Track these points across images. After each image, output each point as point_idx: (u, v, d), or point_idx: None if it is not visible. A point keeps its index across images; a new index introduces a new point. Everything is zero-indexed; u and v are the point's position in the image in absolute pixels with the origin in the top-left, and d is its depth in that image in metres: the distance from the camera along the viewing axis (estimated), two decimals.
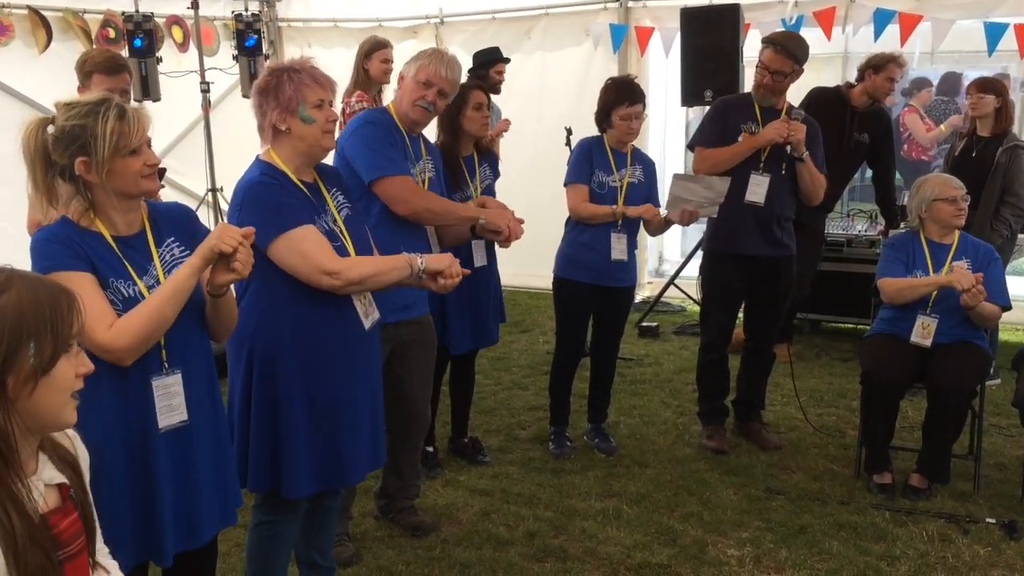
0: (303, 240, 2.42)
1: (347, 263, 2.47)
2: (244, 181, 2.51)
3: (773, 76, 4.02)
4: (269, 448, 2.51)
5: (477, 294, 3.88)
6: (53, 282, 1.42)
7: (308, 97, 2.46)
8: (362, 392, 2.63)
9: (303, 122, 2.47)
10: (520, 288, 7.29)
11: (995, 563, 3.27)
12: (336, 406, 2.56)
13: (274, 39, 8.23)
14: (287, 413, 2.50)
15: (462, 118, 3.81)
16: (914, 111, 8.68)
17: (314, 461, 2.55)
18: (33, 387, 1.34)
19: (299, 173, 2.54)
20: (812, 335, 6.33)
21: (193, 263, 2.05)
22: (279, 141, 2.52)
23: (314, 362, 2.51)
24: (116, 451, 2.07)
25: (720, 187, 3.96)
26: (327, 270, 2.42)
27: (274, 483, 2.54)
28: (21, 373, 1.33)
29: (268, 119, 2.49)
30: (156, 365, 2.10)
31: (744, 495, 3.83)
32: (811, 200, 4.20)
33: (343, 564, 3.20)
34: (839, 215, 6.56)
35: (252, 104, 2.54)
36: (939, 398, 3.74)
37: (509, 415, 4.85)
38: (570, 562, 3.29)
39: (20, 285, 1.35)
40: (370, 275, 2.51)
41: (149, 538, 2.11)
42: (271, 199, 2.44)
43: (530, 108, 7.02)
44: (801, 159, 4.02)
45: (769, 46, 4.06)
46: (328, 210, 2.57)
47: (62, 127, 2.00)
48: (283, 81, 2.46)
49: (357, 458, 2.64)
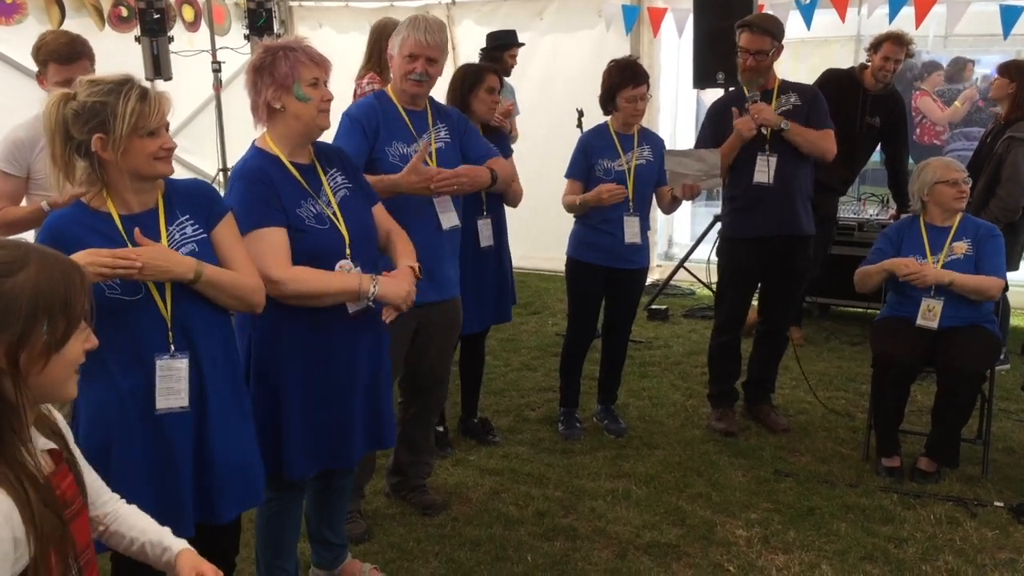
0: (260, 242, 2.41)
1: (292, 275, 2.44)
2: (235, 170, 2.53)
3: (755, 56, 4.07)
4: (270, 431, 2.53)
5: (484, 275, 3.90)
6: (66, 259, 1.44)
7: (303, 75, 2.45)
8: (361, 373, 2.64)
9: (298, 100, 2.46)
10: (530, 270, 7.30)
11: (1003, 546, 3.28)
12: (334, 388, 2.58)
13: (285, 19, 8.21)
14: (285, 397, 2.53)
15: (473, 98, 3.81)
16: (926, 94, 8.61)
17: (312, 443, 2.58)
18: (45, 364, 1.37)
19: (293, 155, 2.54)
20: (822, 319, 6.32)
21: None
22: (273, 121, 2.52)
23: (311, 346, 2.53)
24: (131, 430, 2.11)
25: (711, 158, 4.07)
26: (270, 278, 2.39)
27: (273, 463, 2.56)
28: (35, 350, 1.35)
29: (262, 97, 2.48)
30: (162, 346, 2.13)
31: (753, 477, 3.85)
32: (825, 159, 4.19)
33: (355, 541, 3.24)
34: (851, 199, 6.54)
35: (245, 82, 2.52)
36: (949, 382, 3.74)
37: (519, 396, 4.87)
38: (579, 541, 3.32)
39: (37, 263, 1.37)
40: (312, 293, 2.47)
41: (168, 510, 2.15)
42: (247, 195, 2.44)
43: (542, 90, 7.01)
44: (782, 130, 4.06)
45: (745, 29, 4.13)
46: (323, 192, 2.56)
47: (83, 103, 2.02)
48: (278, 59, 2.44)
49: (354, 439, 2.66)
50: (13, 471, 1.33)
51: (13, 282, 1.33)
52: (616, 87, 4.03)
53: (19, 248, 1.38)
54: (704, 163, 4.06)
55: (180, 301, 2.14)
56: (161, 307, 2.12)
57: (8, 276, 1.33)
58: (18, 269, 1.34)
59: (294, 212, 2.48)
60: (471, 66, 4.00)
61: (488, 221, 3.88)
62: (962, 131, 8.14)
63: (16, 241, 1.41)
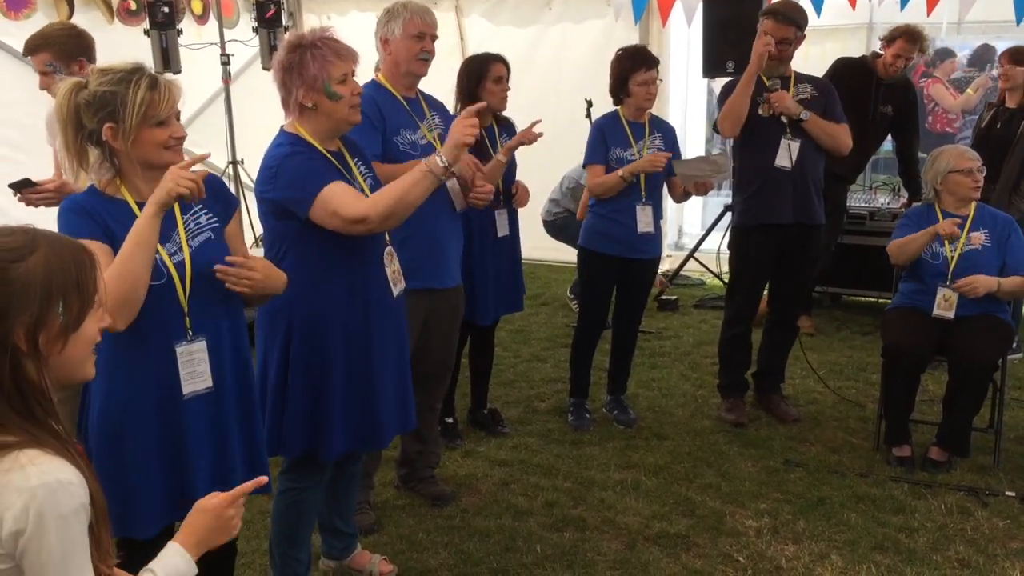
0: (331, 199, 2.43)
1: (369, 204, 2.46)
2: (272, 155, 2.53)
3: (778, 45, 4.04)
4: (308, 413, 2.56)
5: (500, 264, 3.92)
6: (74, 241, 1.46)
7: (333, 73, 2.46)
8: (390, 357, 2.69)
9: (329, 99, 2.47)
10: (540, 261, 7.29)
11: (1014, 536, 3.27)
12: (371, 371, 2.62)
13: (293, 11, 8.20)
14: (328, 379, 2.56)
15: (481, 90, 3.81)
16: (938, 82, 8.54)
17: (350, 424, 2.61)
18: (63, 344, 1.39)
19: (325, 144, 2.57)
20: (833, 309, 6.30)
21: (148, 212, 1.99)
22: (305, 117, 2.53)
23: (353, 328, 2.57)
24: (145, 415, 2.11)
25: (720, 160, 4.08)
26: (355, 218, 2.42)
27: (310, 446, 2.60)
28: (52, 331, 1.37)
29: (294, 96, 2.50)
30: (180, 332, 2.13)
31: (762, 467, 3.84)
32: (840, 152, 4.18)
33: (364, 532, 3.25)
34: (861, 188, 6.50)
35: (275, 80, 2.54)
36: (960, 371, 3.72)
37: (528, 387, 4.87)
38: (589, 532, 3.32)
39: (46, 246, 1.39)
40: (396, 200, 2.46)
41: (181, 499, 2.16)
42: (300, 168, 2.46)
43: (550, 80, 6.97)
44: (801, 120, 4.04)
45: (770, 16, 4.11)
46: (355, 180, 2.59)
47: (94, 92, 2.03)
48: (306, 59, 2.45)
49: (388, 421, 2.71)
50: (62, 444, 1.36)
51: (25, 266, 1.35)
52: (628, 72, 4.02)
53: (27, 233, 1.40)
54: (714, 164, 4.07)
55: (198, 285, 2.14)
56: (180, 293, 2.12)
57: (20, 261, 1.35)
58: (28, 253, 1.36)
59: None
60: (475, 58, 4.00)
61: (504, 212, 3.89)
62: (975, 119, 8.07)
63: (23, 227, 1.43)
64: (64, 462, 1.34)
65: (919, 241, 3.80)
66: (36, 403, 1.36)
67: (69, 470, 1.33)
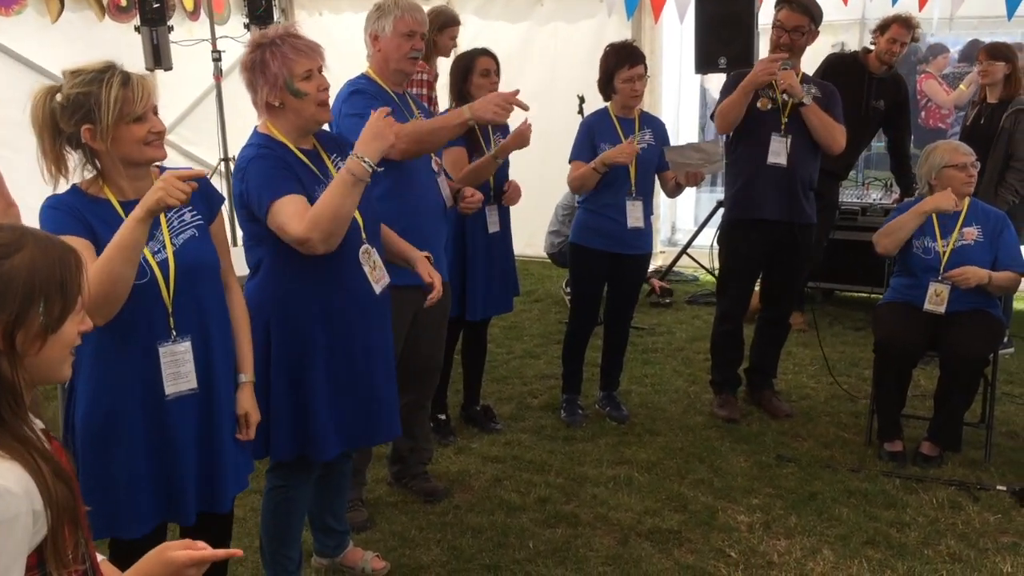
0: (279, 213, 2.37)
1: (309, 225, 2.34)
2: (241, 156, 2.51)
3: (791, 34, 4.04)
4: (293, 416, 2.53)
5: (492, 261, 3.91)
6: (62, 242, 1.45)
7: (295, 70, 2.42)
8: (376, 354, 2.66)
9: (294, 96, 2.43)
10: (532, 258, 7.29)
11: (1005, 530, 3.28)
12: (355, 370, 2.59)
13: (285, 7, 8.18)
14: (310, 379, 2.52)
15: (469, 85, 3.81)
16: (931, 77, 8.55)
17: (339, 423, 2.58)
18: (41, 345, 1.38)
19: (298, 143, 2.53)
20: (825, 304, 6.31)
21: (136, 215, 1.95)
22: (275, 116, 2.50)
23: (333, 327, 2.53)
24: (131, 415, 2.10)
25: (711, 148, 4.07)
26: (297, 240, 2.35)
27: (300, 450, 2.57)
28: (31, 331, 1.36)
29: (260, 96, 2.47)
30: (164, 332, 2.12)
31: (754, 462, 3.85)
32: (832, 149, 4.16)
33: (357, 529, 3.24)
34: (853, 183, 6.51)
35: (243, 81, 2.51)
36: (952, 366, 3.73)
37: (521, 383, 4.87)
38: (581, 528, 3.32)
39: (33, 245, 1.38)
40: (331, 217, 2.35)
41: (170, 499, 2.15)
42: (260, 174, 2.42)
43: (543, 77, 6.96)
44: (802, 104, 4.03)
45: (785, 5, 4.09)
46: (330, 176, 2.55)
47: (68, 95, 2.01)
48: (266, 57, 2.42)
49: (380, 417, 2.68)
50: (23, 445, 1.34)
51: (10, 264, 1.35)
52: (613, 68, 4.03)
53: (15, 231, 1.40)
54: (705, 152, 4.06)
55: (182, 284, 2.13)
56: (164, 292, 2.11)
57: (5, 258, 1.35)
58: (14, 251, 1.36)
59: (312, 196, 2.46)
60: (463, 54, 4.00)
61: (495, 208, 3.89)
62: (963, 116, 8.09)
63: (12, 224, 1.43)
64: (11, 467, 1.31)
65: (911, 224, 3.80)
66: (5, 403, 1.34)
67: (11, 477, 1.30)
